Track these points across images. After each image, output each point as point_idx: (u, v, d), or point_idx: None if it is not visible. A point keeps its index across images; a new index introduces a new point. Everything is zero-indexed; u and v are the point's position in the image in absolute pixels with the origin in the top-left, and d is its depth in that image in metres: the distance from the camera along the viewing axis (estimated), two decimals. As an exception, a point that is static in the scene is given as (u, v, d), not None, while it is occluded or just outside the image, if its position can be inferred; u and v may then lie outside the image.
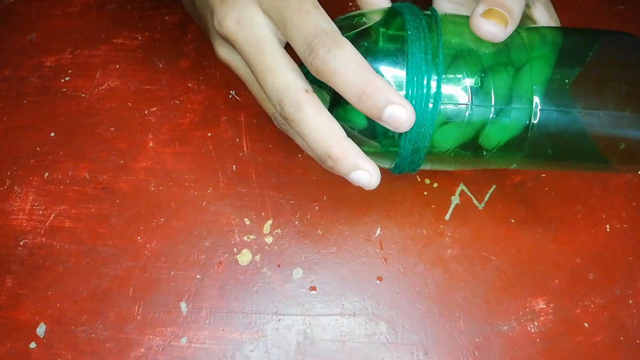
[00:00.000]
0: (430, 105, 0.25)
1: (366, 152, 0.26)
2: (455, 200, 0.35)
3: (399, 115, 0.24)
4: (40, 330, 0.31)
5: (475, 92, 0.25)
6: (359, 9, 0.30)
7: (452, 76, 0.25)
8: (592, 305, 0.32)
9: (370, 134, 0.27)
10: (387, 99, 0.23)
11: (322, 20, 0.25)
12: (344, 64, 0.24)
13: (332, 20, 0.25)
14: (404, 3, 0.28)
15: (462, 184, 0.35)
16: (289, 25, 0.25)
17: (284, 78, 0.25)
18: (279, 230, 0.34)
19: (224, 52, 0.31)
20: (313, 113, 0.25)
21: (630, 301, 0.33)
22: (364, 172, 0.25)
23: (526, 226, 0.34)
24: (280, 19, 0.25)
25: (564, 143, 0.26)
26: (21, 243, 0.34)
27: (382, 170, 0.26)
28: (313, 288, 0.33)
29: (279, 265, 0.33)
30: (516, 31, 0.27)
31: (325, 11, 0.26)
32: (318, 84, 0.27)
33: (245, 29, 0.26)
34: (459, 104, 0.25)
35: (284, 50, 0.26)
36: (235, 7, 0.26)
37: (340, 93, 0.24)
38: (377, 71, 0.25)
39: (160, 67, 0.39)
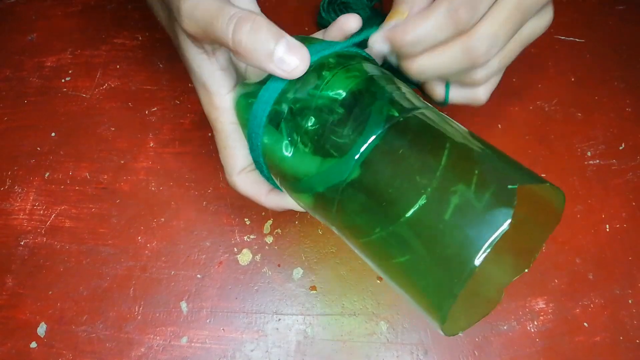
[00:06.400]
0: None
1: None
2: (455, 200, 0.35)
3: (290, 58, 0.21)
4: (41, 329, 0.31)
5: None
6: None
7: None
8: (591, 305, 0.32)
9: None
10: (275, 36, 0.20)
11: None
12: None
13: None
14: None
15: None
16: None
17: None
18: (279, 230, 0.34)
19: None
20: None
21: (630, 301, 0.33)
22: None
23: (526, 226, 0.34)
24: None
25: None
26: (22, 243, 0.34)
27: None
28: (313, 288, 0.33)
29: (279, 265, 0.33)
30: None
31: None
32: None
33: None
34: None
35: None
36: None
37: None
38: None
39: (161, 67, 0.39)
